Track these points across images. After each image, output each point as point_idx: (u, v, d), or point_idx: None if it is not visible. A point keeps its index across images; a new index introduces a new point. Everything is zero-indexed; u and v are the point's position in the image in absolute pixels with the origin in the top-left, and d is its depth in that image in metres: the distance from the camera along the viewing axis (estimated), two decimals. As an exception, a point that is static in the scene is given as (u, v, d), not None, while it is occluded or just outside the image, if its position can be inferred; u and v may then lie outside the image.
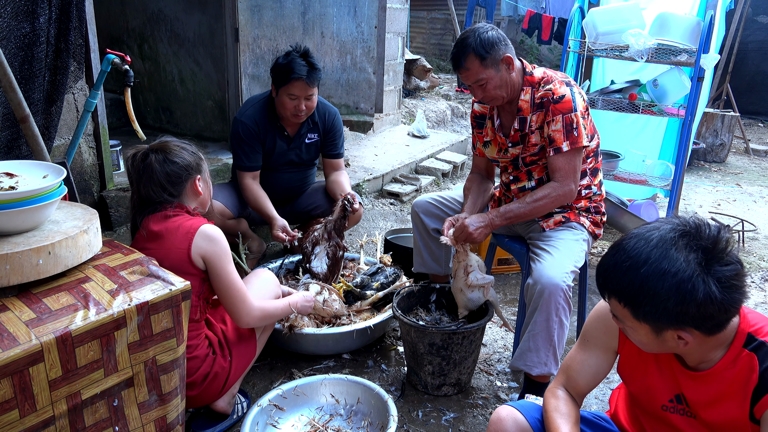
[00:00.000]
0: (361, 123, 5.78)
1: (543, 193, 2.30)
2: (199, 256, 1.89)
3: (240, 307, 1.98)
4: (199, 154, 2.06)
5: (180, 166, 1.96)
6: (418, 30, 13.00)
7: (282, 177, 3.13)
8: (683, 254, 1.16)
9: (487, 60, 2.23)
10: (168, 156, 1.96)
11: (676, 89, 3.52)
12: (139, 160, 1.96)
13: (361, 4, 5.35)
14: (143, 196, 1.97)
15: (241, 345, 2.09)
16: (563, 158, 2.27)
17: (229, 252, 1.95)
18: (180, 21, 4.66)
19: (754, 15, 8.89)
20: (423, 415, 2.29)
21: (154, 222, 1.94)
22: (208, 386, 1.99)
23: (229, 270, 1.94)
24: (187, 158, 1.99)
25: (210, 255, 1.90)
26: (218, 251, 1.91)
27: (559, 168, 2.28)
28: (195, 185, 2.01)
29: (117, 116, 4.73)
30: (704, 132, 6.73)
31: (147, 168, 1.94)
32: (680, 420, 1.37)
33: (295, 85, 2.78)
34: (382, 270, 2.85)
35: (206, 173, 2.08)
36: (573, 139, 2.25)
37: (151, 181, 1.94)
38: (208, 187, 2.11)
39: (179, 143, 2.03)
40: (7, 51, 2.21)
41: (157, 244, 1.91)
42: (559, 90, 2.27)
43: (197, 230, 1.89)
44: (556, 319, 2.14)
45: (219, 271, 1.92)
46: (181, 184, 1.98)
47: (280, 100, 2.87)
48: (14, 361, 1.32)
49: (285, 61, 2.81)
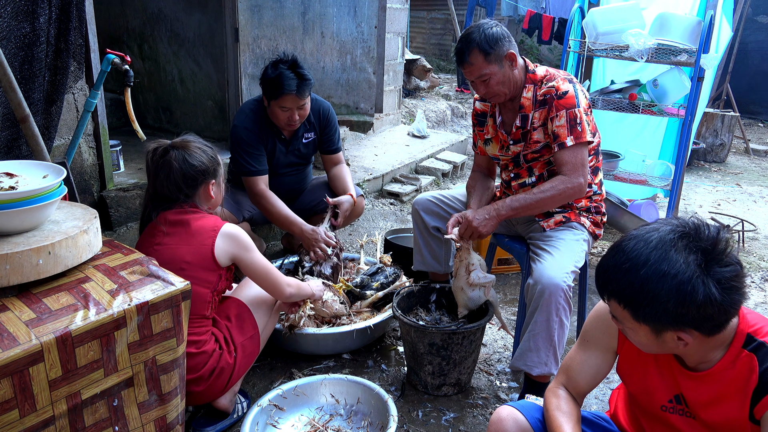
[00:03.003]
0: (361, 123, 5.78)
1: (550, 184, 2.27)
2: (225, 255, 1.97)
3: (279, 281, 2.12)
4: (217, 158, 2.09)
5: (197, 169, 2.00)
6: (418, 30, 13.00)
7: (284, 180, 3.12)
8: (683, 256, 1.16)
9: (491, 55, 2.24)
10: (187, 156, 1.99)
11: (676, 89, 3.52)
12: (159, 155, 2.00)
13: (361, 4, 5.35)
14: (158, 191, 2.01)
15: (245, 341, 2.10)
16: (569, 152, 2.26)
17: (252, 241, 2.04)
18: (180, 21, 4.66)
19: (754, 15, 8.88)
20: (423, 415, 2.29)
21: (171, 217, 1.99)
22: (214, 381, 2.00)
23: (257, 257, 2.04)
24: (205, 162, 2.03)
25: (237, 251, 2.00)
26: (244, 245, 2.01)
27: (566, 161, 2.26)
28: (209, 189, 2.06)
29: (117, 116, 4.73)
30: (704, 132, 6.73)
31: (165, 164, 1.98)
32: (680, 420, 1.37)
33: (285, 99, 2.75)
34: (382, 270, 2.85)
35: (221, 177, 2.12)
36: (577, 134, 2.24)
37: (167, 179, 1.99)
38: (221, 192, 2.15)
39: (201, 144, 2.06)
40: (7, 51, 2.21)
41: (176, 239, 1.95)
42: (562, 86, 2.28)
43: (220, 229, 1.97)
44: (557, 319, 2.14)
45: (249, 261, 2.03)
46: (195, 186, 2.02)
47: (272, 111, 2.84)
48: (14, 361, 1.32)
49: (273, 74, 2.74)
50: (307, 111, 2.88)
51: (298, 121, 2.87)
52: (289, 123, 2.86)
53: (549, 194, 2.26)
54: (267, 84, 2.78)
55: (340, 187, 3.10)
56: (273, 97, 2.78)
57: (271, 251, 3.55)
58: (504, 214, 2.29)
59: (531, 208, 2.30)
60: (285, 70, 2.73)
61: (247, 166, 2.88)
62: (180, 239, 1.95)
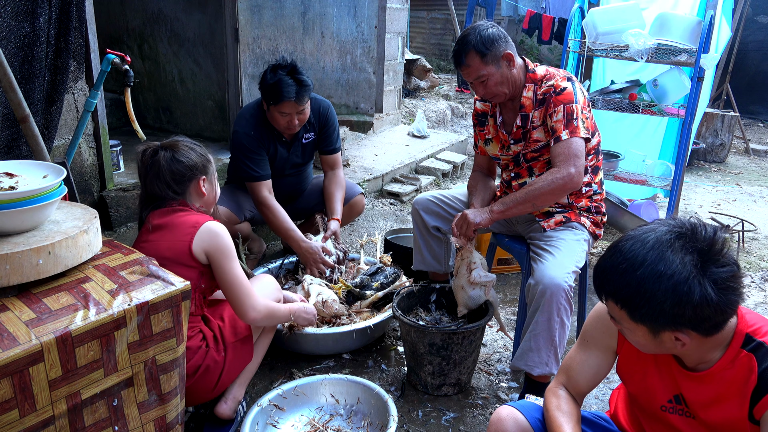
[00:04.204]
0: (361, 123, 5.79)
1: (545, 178, 2.24)
2: (201, 251, 1.93)
3: (244, 301, 1.98)
4: (207, 156, 2.10)
5: (185, 165, 2.01)
6: (418, 30, 13.00)
7: (285, 181, 3.13)
8: (679, 256, 1.16)
9: (488, 57, 2.25)
10: (175, 155, 2.01)
11: (676, 89, 3.52)
12: (149, 156, 2.02)
13: (361, 4, 5.35)
14: (149, 191, 2.03)
15: (236, 342, 2.07)
16: (562, 144, 2.25)
17: (233, 248, 1.98)
18: (180, 21, 4.66)
19: (754, 15, 8.88)
20: (423, 415, 2.29)
21: (158, 216, 1.99)
22: (200, 379, 1.98)
23: (233, 266, 1.96)
24: (194, 159, 2.04)
25: (213, 250, 1.93)
26: (221, 247, 1.94)
27: (558, 153, 2.25)
28: (199, 186, 2.06)
29: (117, 116, 4.73)
30: (704, 132, 6.72)
31: (154, 164, 2.00)
32: (679, 420, 1.37)
33: (285, 105, 2.75)
34: (382, 270, 2.85)
35: (213, 176, 2.12)
36: (572, 128, 2.25)
37: (157, 178, 2.00)
38: (214, 189, 2.14)
39: (189, 144, 2.08)
40: (7, 51, 2.21)
41: (158, 235, 1.95)
42: (560, 84, 2.30)
43: (202, 225, 1.94)
44: (558, 319, 2.14)
45: (223, 266, 1.95)
46: (184, 183, 2.03)
47: (272, 116, 2.84)
48: (14, 361, 1.32)
49: (272, 80, 2.74)
50: (306, 115, 2.89)
51: (298, 126, 2.88)
52: (288, 127, 2.86)
53: (537, 186, 2.23)
54: (266, 90, 2.78)
55: (328, 207, 3.10)
56: (272, 102, 2.78)
57: (271, 251, 3.55)
58: (497, 210, 2.29)
59: (522, 203, 2.27)
60: (284, 76, 2.73)
61: (250, 171, 2.88)
62: (161, 236, 1.95)
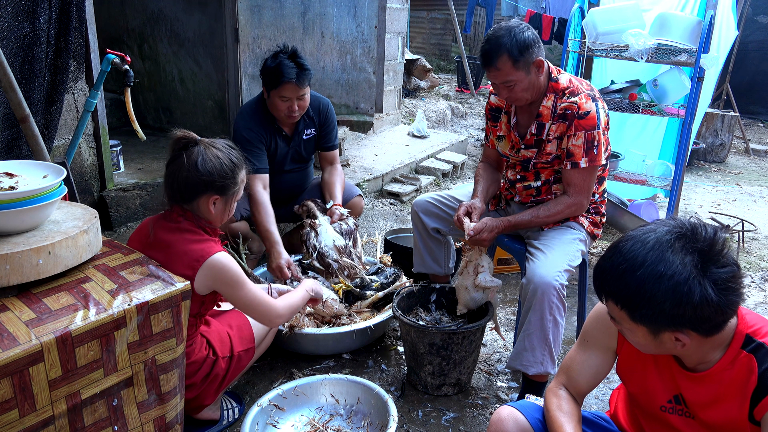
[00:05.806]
0: (361, 123, 5.78)
1: (557, 208, 2.32)
2: (204, 287, 1.83)
3: (265, 315, 1.96)
4: (234, 175, 1.89)
5: (201, 177, 1.82)
6: (418, 30, 13.00)
7: (286, 178, 3.13)
8: (679, 257, 1.16)
9: (520, 62, 2.16)
10: (201, 158, 1.82)
11: (676, 89, 3.52)
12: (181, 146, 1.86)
13: (361, 4, 5.35)
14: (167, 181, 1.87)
15: (242, 352, 2.08)
16: (579, 174, 2.26)
17: (240, 274, 1.86)
18: (180, 21, 4.66)
19: (754, 15, 8.88)
20: (423, 415, 2.29)
21: (163, 229, 1.86)
22: (207, 387, 1.99)
23: (244, 293, 1.88)
24: (215, 173, 1.83)
25: (220, 285, 1.85)
26: (227, 280, 1.84)
27: (575, 183, 2.28)
28: (208, 204, 1.87)
29: (117, 116, 4.74)
30: (704, 132, 6.72)
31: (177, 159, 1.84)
32: (679, 420, 1.37)
33: (285, 87, 2.75)
34: (382, 270, 2.85)
35: (232, 196, 1.92)
36: (592, 156, 2.23)
37: (171, 176, 1.84)
38: (226, 211, 1.94)
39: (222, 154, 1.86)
40: (7, 51, 2.22)
41: (160, 255, 1.81)
42: (585, 105, 2.22)
43: (205, 261, 1.79)
44: (550, 317, 2.14)
45: (233, 295, 1.88)
46: (194, 195, 1.85)
47: (273, 102, 2.85)
48: (14, 361, 1.32)
49: (273, 63, 2.75)
50: (306, 102, 2.88)
51: (298, 112, 2.87)
52: (289, 114, 2.85)
53: (547, 214, 2.34)
54: (267, 73, 2.79)
55: (329, 193, 3.08)
56: (273, 86, 2.78)
57: (271, 251, 3.55)
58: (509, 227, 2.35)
59: (528, 225, 2.38)
60: (285, 59, 2.75)
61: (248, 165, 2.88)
62: (163, 259, 1.79)
